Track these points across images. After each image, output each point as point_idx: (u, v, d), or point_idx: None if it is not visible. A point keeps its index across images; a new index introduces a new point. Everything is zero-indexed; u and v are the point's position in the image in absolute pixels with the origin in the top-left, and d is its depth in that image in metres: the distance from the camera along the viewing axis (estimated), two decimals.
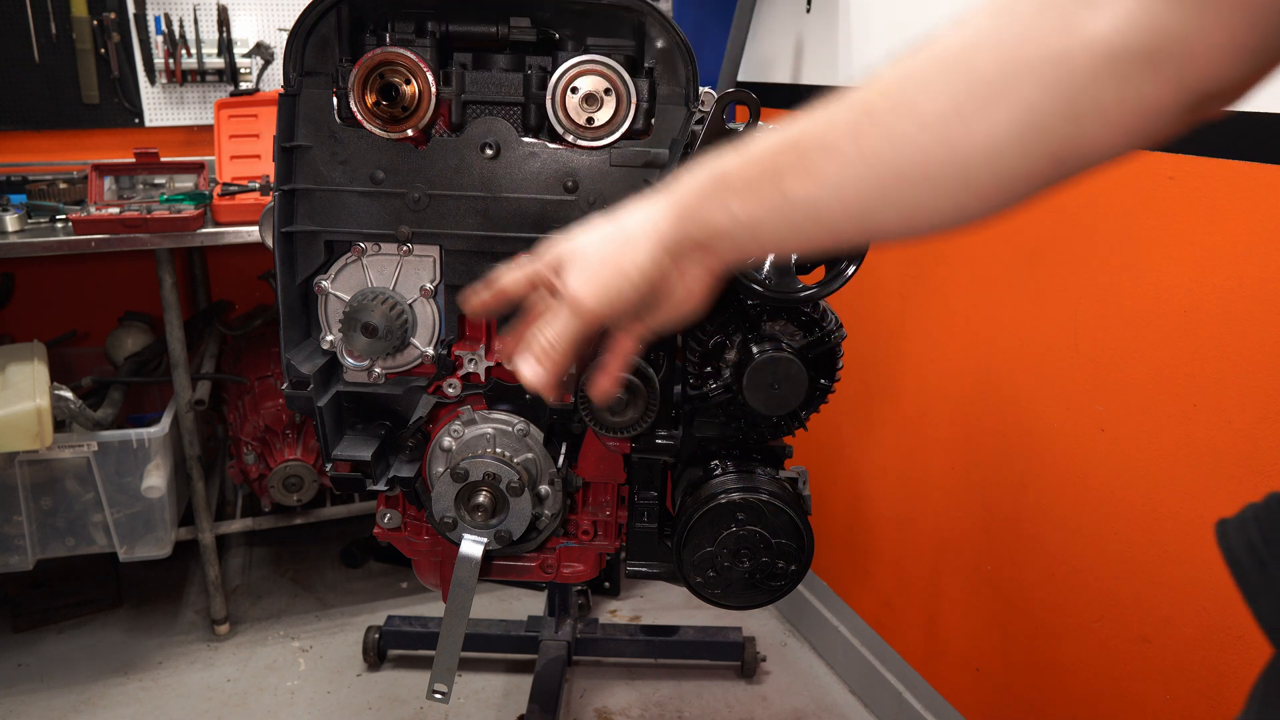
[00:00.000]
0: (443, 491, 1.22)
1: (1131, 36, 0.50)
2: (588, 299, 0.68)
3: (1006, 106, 0.53)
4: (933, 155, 0.56)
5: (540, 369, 0.71)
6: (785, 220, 0.62)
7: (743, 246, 0.66)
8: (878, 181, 0.58)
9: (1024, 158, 0.55)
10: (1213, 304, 1.27)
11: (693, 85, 1.18)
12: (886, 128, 0.57)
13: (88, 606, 2.46)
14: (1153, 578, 1.40)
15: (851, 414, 2.13)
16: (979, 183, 0.56)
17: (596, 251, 0.69)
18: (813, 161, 0.60)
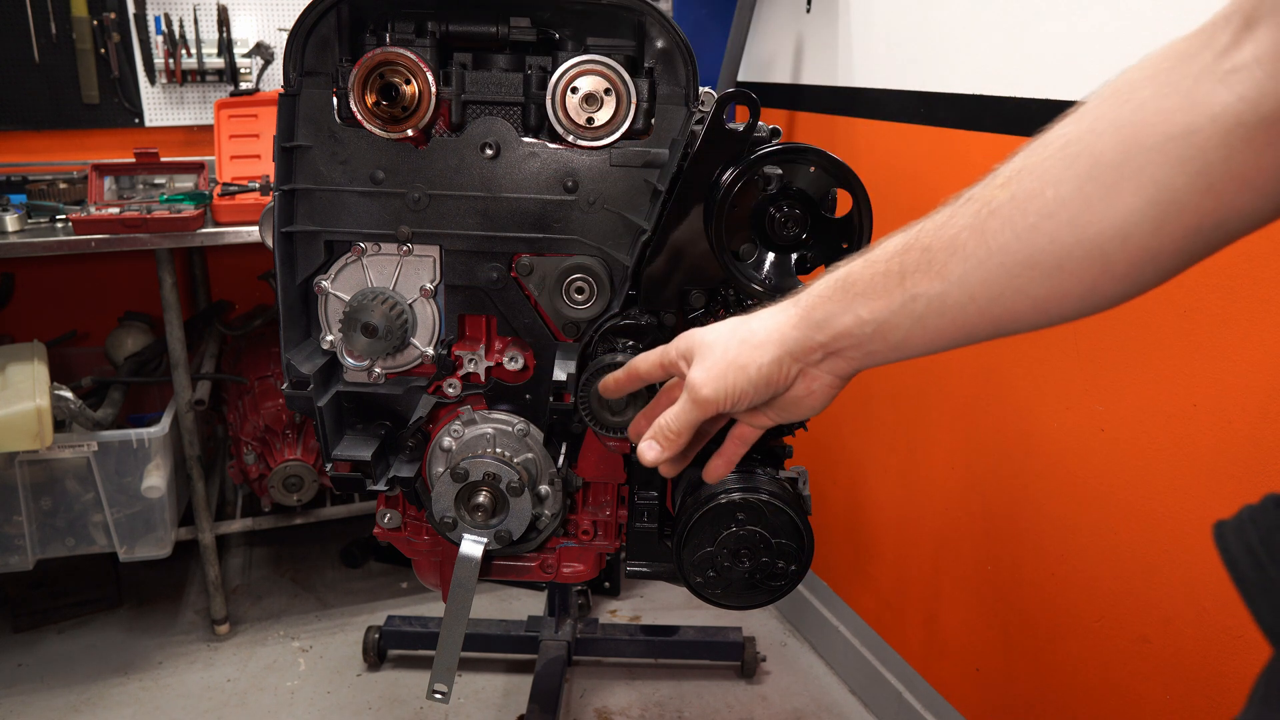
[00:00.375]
0: (443, 491, 1.22)
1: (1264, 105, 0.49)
2: (708, 392, 0.72)
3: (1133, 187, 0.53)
4: (1059, 243, 0.56)
5: (659, 450, 0.77)
6: (913, 318, 0.63)
7: (869, 348, 0.67)
8: (1004, 273, 0.59)
9: (1160, 235, 0.54)
10: (1212, 304, 1.27)
11: (693, 85, 1.17)
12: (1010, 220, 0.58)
13: (88, 606, 2.46)
14: (1153, 578, 1.40)
15: (851, 414, 2.13)
16: (1115, 265, 0.56)
17: (723, 347, 0.73)
18: (937, 259, 0.61)
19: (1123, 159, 0.53)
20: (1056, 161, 0.56)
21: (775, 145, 1.11)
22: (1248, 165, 0.51)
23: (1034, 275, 0.58)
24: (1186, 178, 0.52)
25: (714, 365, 0.73)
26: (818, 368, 0.71)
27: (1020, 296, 0.59)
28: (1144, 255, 0.55)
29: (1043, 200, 0.56)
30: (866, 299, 0.65)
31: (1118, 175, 0.54)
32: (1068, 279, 0.57)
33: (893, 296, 0.64)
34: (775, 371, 0.71)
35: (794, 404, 0.74)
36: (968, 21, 1.65)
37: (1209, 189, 0.52)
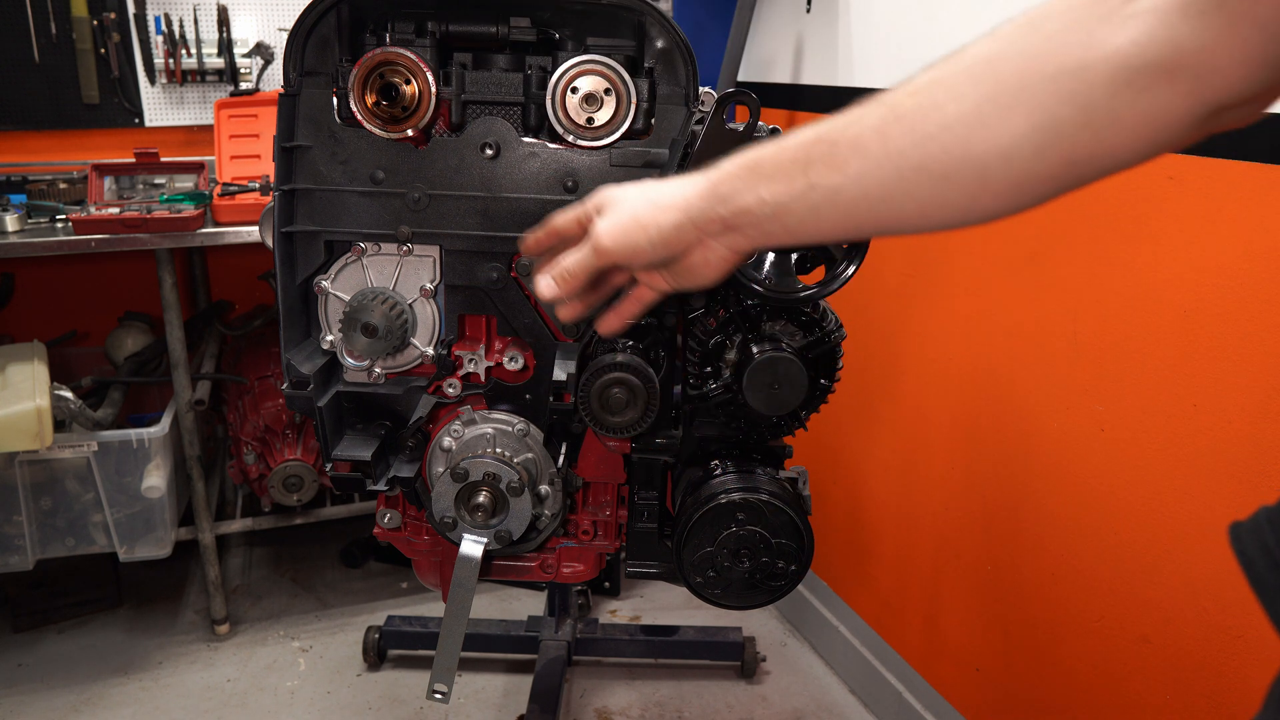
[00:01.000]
0: (443, 491, 1.22)
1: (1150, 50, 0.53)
2: (607, 241, 0.77)
3: (1024, 112, 0.57)
4: (951, 154, 0.60)
5: (555, 287, 0.82)
6: (809, 206, 0.67)
7: (766, 229, 0.71)
8: (898, 175, 0.63)
9: (1039, 161, 0.58)
10: (1213, 304, 1.27)
11: (693, 85, 1.17)
12: (911, 126, 0.62)
13: (88, 606, 2.46)
14: (1153, 578, 1.40)
15: (851, 414, 2.13)
16: (994, 182, 0.60)
17: (631, 204, 0.77)
18: (840, 154, 0.65)
19: (1020, 85, 0.57)
20: (963, 78, 0.60)
21: None
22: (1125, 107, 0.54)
23: (922, 181, 0.62)
24: (1072, 110, 0.56)
25: (619, 219, 0.77)
26: (716, 239, 0.74)
27: (908, 199, 0.64)
28: (1023, 178, 0.59)
29: (943, 113, 0.60)
30: (770, 182, 0.69)
31: (1014, 100, 0.57)
32: (952, 189, 0.61)
33: (794, 183, 0.67)
34: (674, 235, 0.74)
35: (689, 271, 0.77)
36: (968, 21, 1.65)
37: (1089, 124, 0.56)
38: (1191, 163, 1.28)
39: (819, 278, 1.11)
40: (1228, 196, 1.24)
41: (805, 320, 1.16)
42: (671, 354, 1.23)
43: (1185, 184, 1.30)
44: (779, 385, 1.13)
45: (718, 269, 0.76)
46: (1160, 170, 1.33)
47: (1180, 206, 1.30)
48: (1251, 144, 1.20)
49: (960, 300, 1.76)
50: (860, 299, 2.01)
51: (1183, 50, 0.52)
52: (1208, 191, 1.27)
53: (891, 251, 1.91)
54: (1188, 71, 0.52)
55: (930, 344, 1.86)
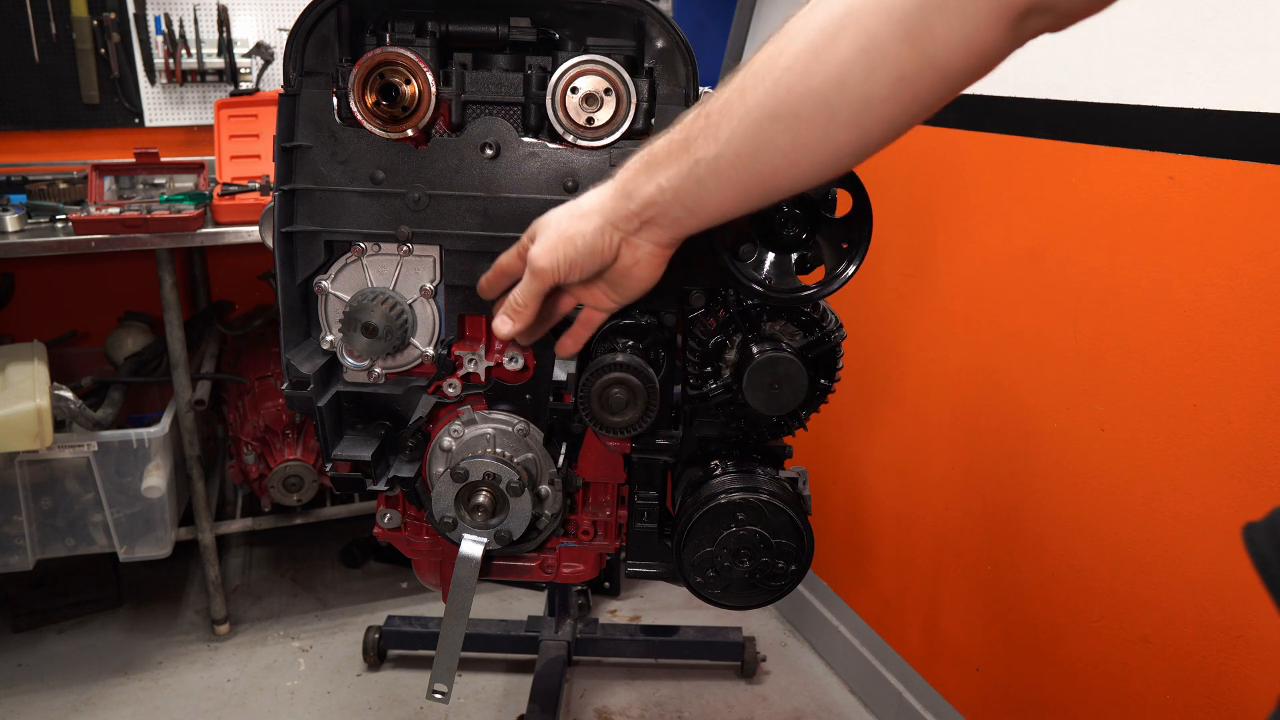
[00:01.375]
0: (443, 491, 1.22)
1: None
2: (542, 261, 0.80)
3: (849, 36, 0.60)
4: (794, 91, 0.63)
5: (509, 322, 0.85)
6: (697, 182, 0.70)
7: (673, 214, 0.73)
8: (758, 128, 0.65)
9: (871, 82, 0.60)
10: (1213, 304, 1.27)
11: (693, 85, 1.17)
12: (762, 77, 0.65)
13: (88, 606, 2.46)
14: (1153, 578, 1.40)
15: (851, 414, 2.13)
16: (838, 111, 0.62)
17: (556, 224, 0.80)
18: (713, 123, 0.68)
19: (846, 12, 0.60)
20: (801, 19, 0.63)
21: None
22: (936, 16, 0.57)
23: (779, 127, 0.64)
24: (889, 26, 0.58)
25: (548, 239, 0.80)
26: (637, 236, 0.77)
27: (773, 150, 0.66)
28: (861, 101, 0.61)
29: (784, 55, 0.63)
30: (664, 168, 0.72)
31: (839, 26, 0.60)
32: (804, 128, 0.64)
33: (681, 163, 0.70)
34: (599, 240, 0.77)
35: (624, 275, 0.80)
36: None
37: (907, 37, 0.58)
38: (1191, 163, 1.28)
39: (819, 278, 1.11)
40: (1228, 196, 1.24)
41: (805, 320, 1.16)
42: (671, 354, 1.23)
43: (1185, 184, 1.30)
44: (779, 385, 1.13)
45: (648, 268, 0.79)
46: (1160, 170, 1.33)
47: (1180, 206, 1.30)
48: (1252, 144, 1.20)
49: (960, 300, 1.76)
50: (860, 299, 2.01)
51: None
52: (1208, 191, 1.27)
53: (892, 252, 1.91)
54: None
55: (930, 344, 1.86)
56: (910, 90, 0.60)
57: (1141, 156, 1.35)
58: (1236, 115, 1.20)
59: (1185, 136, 1.28)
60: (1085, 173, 1.45)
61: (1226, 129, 1.23)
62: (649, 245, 0.77)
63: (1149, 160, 1.34)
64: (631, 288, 0.81)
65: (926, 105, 0.62)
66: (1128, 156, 1.37)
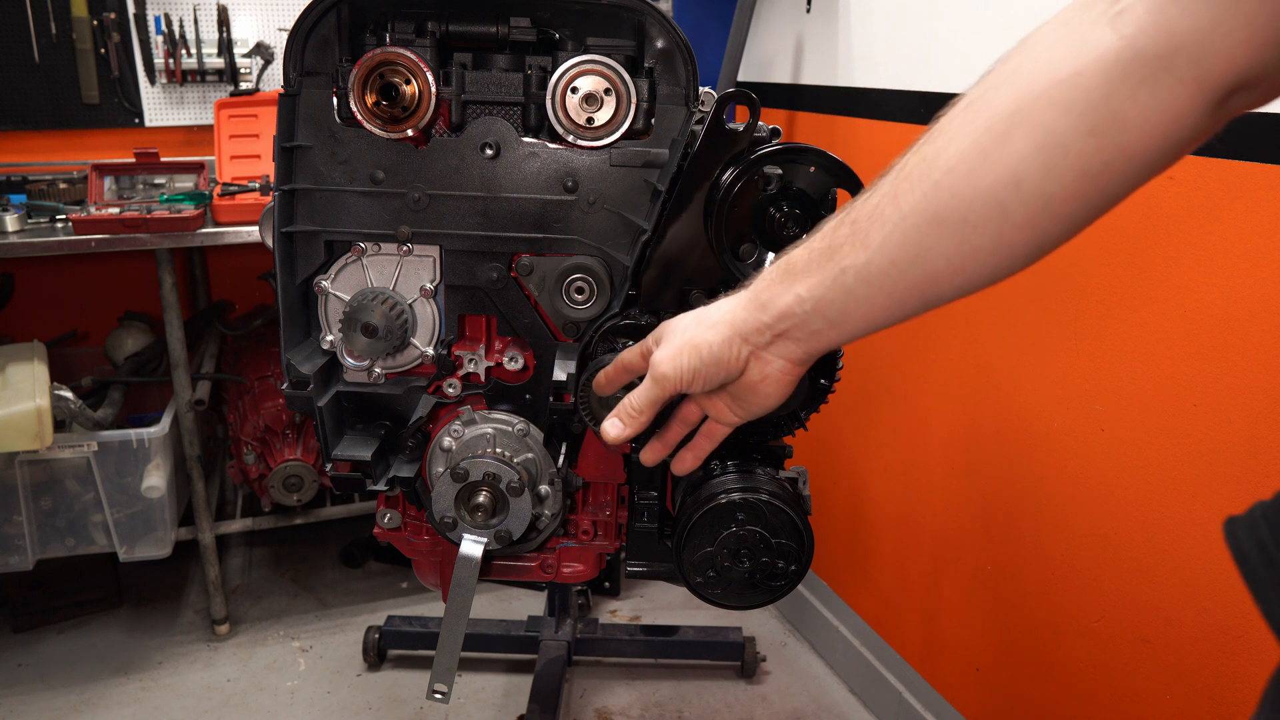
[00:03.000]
0: (443, 491, 1.22)
1: (1143, 43, 0.51)
2: (665, 368, 0.76)
3: (1022, 133, 0.55)
4: (960, 194, 0.58)
5: (621, 426, 0.81)
6: (844, 291, 0.65)
7: (811, 327, 0.69)
8: (919, 233, 0.60)
9: (1050, 180, 0.55)
10: (1213, 304, 1.27)
11: (693, 85, 1.17)
12: (918, 180, 0.60)
13: (88, 606, 2.46)
14: (1153, 578, 1.40)
15: (851, 414, 2.13)
16: (1013, 213, 0.57)
17: (683, 331, 0.76)
18: (861, 230, 0.63)
19: (1015, 108, 0.55)
20: (959, 119, 0.59)
21: (775, 145, 1.11)
22: (1126, 103, 0.52)
23: (943, 231, 0.60)
24: (1071, 119, 0.54)
25: (673, 345, 0.76)
26: (768, 350, 0.73)
27: (935, 256, 0.61)
28: (1039, 201, 0.57)
29: (945, 157, 0.59)
30: (804, 277, 0.68)
31: (1009, 124, 0.56)
32: (973, 232, 0.59)
33: (825, 272, 0.66)
34: (725, 351, 0.73)
35: (751, 391, 0.75)
36: (967, 21, 1.65)
37: (1092, 129, 0.53)
38: (1191, 163, 1.28)
39: None
40: (1228, 196, 1.24)
41: None
42: None
43: (1185, 184, 1.30)
44: None
45: (778, 384, 0.74)
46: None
47: (1180, 206, 1.30)
48: (1251, 144, 1.20)
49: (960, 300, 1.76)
50: None
51: (1176, 35, 0.50)
52: (1208, 191, 1.27)
53: None
54: (1185, 56, 0.50)
55: (930, 343, 1.86)
56: (1095, 185, 0.55)
57: None
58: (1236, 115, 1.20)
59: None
60: None
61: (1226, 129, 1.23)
62: (780, 361, 0.73)
63: None
64: (757, 404, 0.76)
65: (1113, 198, 0.57)
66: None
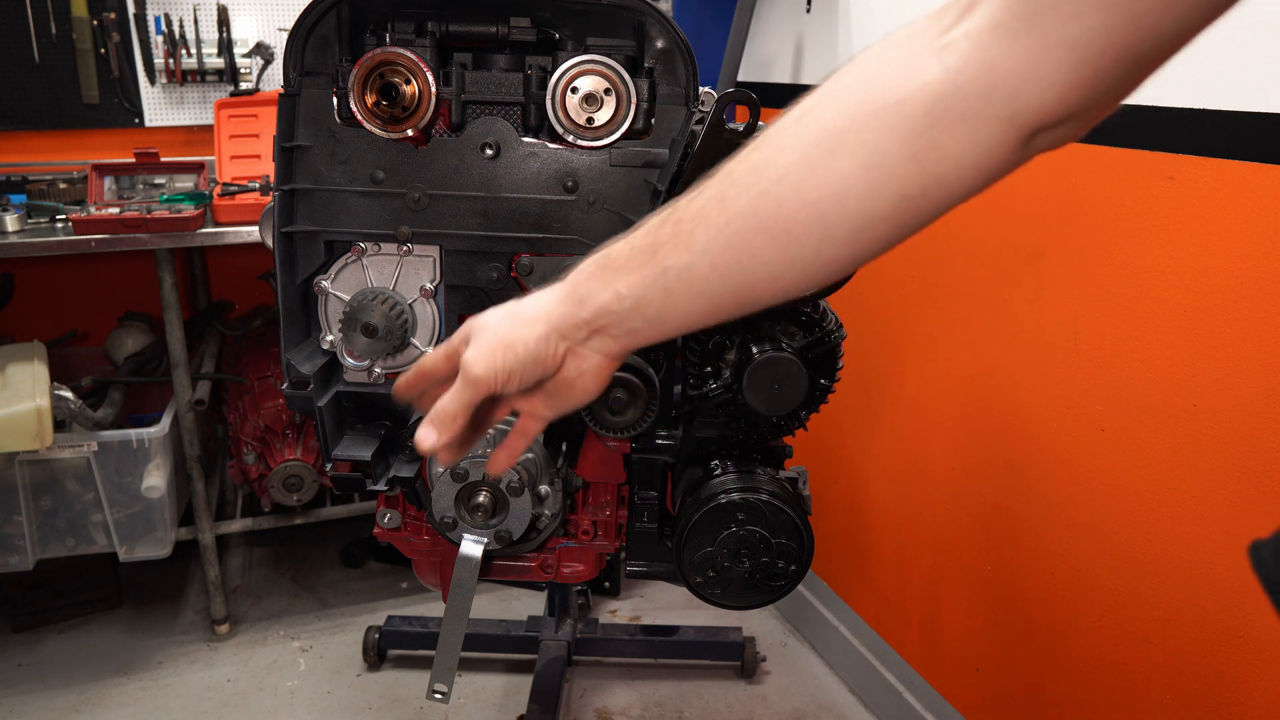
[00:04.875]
0: (443, 491, 1.22)
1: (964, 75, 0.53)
2: (476, 368, 0.71)
3: (850, 151, 0.56)
4: (786, 206, 0.59)
5: (434, 434, 0.74)
6: (664, 291, 0.65)
7: (631, 325, 0.68)
8: (741, 239, 0.61)
9: (873, 199, 0.57)
10: (1213, 304, 1.27)
11: (693, 85, 1.17)
12: (746, 186, 0.60)
13: (88, 606, 2.46)
14: (1153, 578, 1.40)
15: (851, 414, 2.13)
16: (835, 229, 0.59)
17: (495, 327, 0.72)
18: (685, 230, 0.63)
19: (845, 125, 0.57)
20: (790, 130, 0.59)
21: None
22: (944, 135, 0.54)
23: (764, 240, 0.60)
24: (896, 144, 0.55)
25: (485, 343, 0.72)
26: (585, 346, 0.71)
27: (756, 263, 0.61)
28: (861, 219, 0.58)
29: (773, 166, 0.59)
30: (624, 274, 0.66)
31: (838, 141, 0.57)
32: (793, 243, 0.60)
33: (646, 270, 0.65)
34: (542, 348, 0.70)
35: (567, 386, 0.73)
36: None
37: (914, 156, 0.55)
38: (1192, 163, 1.28)
39: None
40: (1228, 196, 1.24)
41: (805, 320, 1.16)
42: (671, 354, 1.23)
43: (1185, 184, 1.30)
44: (779, 385, 1.13)
45: (594, 379, 0.72)
46: (1160, 170, 1.33)
47: (1180, 206, 1.30)
48: (1252, 144, 1.20)
49: (960, 300, 1.76)
50: (860, 299, 2.01)
51: (996, 72, 0.52)
52: (1208, 191, 1.27)
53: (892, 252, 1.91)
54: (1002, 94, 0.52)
55: (930, 344, 1.86)
56: (912, 208, 0.58)
57: (1141, 156, 1.35)
58: (1236, 115, 1.20)
59: (1185, 136, 1.28)
60: (1085, 172, 1.45)
61: (1226, 129, 1.23)
62: (597, 356, 0.71)
63: (1149, 160, 1.34)
64: (572, 399, 0.74)
65: (924, 221, 0.59)
66: (1128, 156, 1.37)
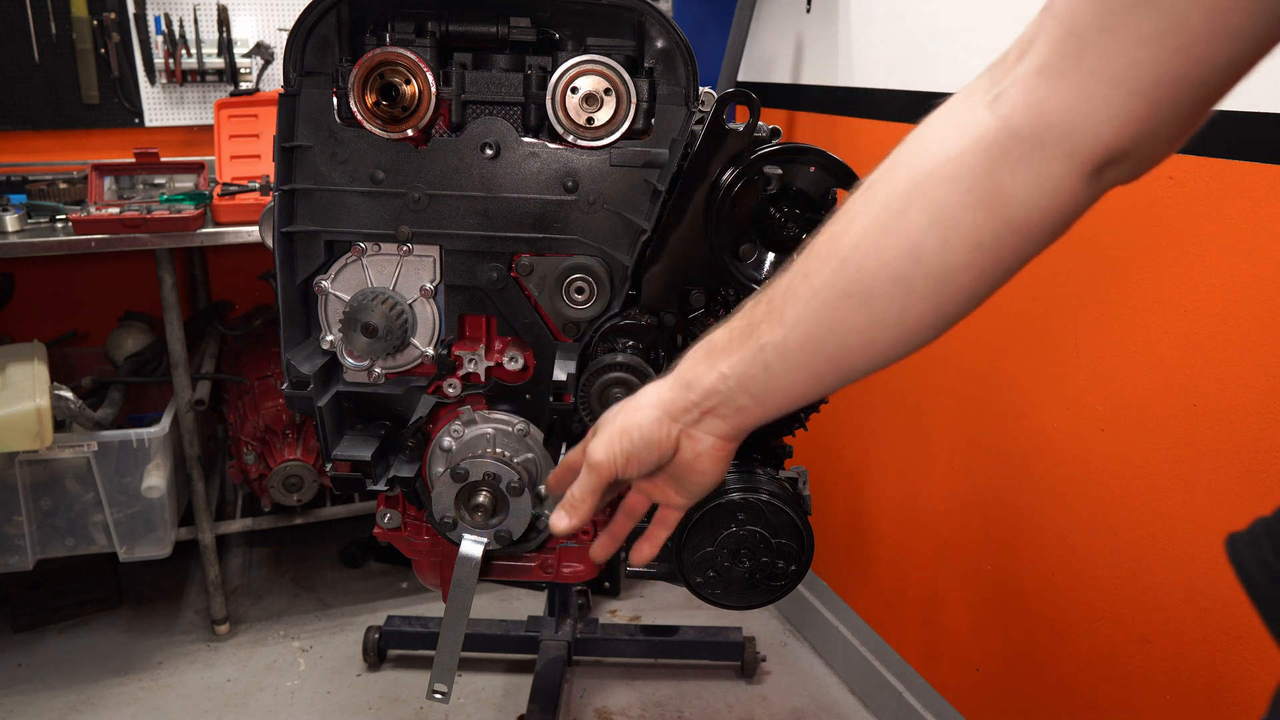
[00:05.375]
0: (443, 491, 1.22)
1: (1016, 122, 0.54)
2: (598, 455, 0.77)
3: (917, 208, 0.59)
4: (865, 269, 0.61)
5: (565, 518, 0.81)
6: (763, 367, 0.68)
7: (738, 404, 0.71)
8: (829, 309, 0.63)
9: (946, 251, 0.59)
10: (1213, 304, 1.27)
11: (693, 85, 1.18)
12: (825, 258, 0.63)
13: (88, 606, 2.46)
14: (1153, 578, 1.40)
15: (852, 414, 2.13)
16: (915, 284, 0.61)
17: (615, 419, 0.78)
18: (777, 309, 0.66)
19: (910, 186, 0.59)
20: (861, 199, 0.62)
21: (775, 145, 1.11)
22: (1005, 178, 0.56)
23: (851, 305, 0.63)
24: (959, 194, 0.57)
25: (606, 433, 0.78)
26: (696, 428, 0.74)
27: (846, 330, 0.64)
28: (938, 273, 0.60)
29: (849, 234, 0.62)
30: (725, 355, 0.70)
31: (905, 200, 0.59)
32: (878, 304, 0.62)
33: (745, 349, 0.68)
34: (655, 431, 0.74)
35: (688, 470, 0.77)
36: (967, 21, 1.65)
37: (979, 203, 0.57)
38: (1191, 163, 1.28)
39: None
40: (1228, 196, 1.24)
41: None
42: (671, 354, 1.23)
43: (1185, 184, 1.30)
44: None
45: (711, 461, 0.76)
46: (1160, 170, 1.32)
47: (1180, 206, 1.30)
48: (1252, 144, 1.20)
49: None
50: None
51: (1046, 114, 0.53)
52: (1208, 191, 1.27)
53: None
54: (1056, 134, 0.53)
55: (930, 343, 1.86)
56: (989, 257, 0.59)
57: None
58: (1236, 115, 1.20)
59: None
60: None
61: (1226, 129, 1.23)
62: (710, 438, 0.74)
63: None
64: (697, 483, 0.78)
65: (1008, 269, 0.60)
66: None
